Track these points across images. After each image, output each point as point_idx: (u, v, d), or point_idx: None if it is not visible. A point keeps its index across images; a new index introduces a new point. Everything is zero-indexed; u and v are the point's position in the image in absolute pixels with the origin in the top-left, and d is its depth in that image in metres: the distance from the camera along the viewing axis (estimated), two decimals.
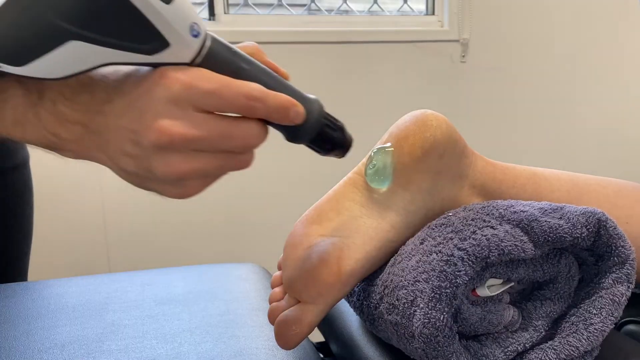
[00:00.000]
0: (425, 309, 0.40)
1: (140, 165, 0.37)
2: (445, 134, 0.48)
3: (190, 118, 0.36)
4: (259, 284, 0.75)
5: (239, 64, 0.38)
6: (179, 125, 0.35)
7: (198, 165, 0.37)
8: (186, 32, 0.35)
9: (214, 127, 0.36)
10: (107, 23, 0.33)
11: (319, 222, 0.50)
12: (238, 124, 0.37)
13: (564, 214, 0.44)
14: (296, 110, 0.38)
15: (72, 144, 0.38)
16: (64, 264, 1.58)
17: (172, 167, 0.36)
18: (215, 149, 0.37)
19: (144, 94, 0.36)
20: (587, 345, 0.43)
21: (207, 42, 0.37)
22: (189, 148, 0.36)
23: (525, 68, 2.01)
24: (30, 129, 0.38)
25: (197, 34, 0.36)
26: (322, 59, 1.77)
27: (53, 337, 0.59)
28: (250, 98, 0.36)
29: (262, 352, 0.56)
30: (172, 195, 0.39)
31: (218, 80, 0.36)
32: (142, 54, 0.35)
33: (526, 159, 1.59)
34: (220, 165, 0.38)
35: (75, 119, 0.38)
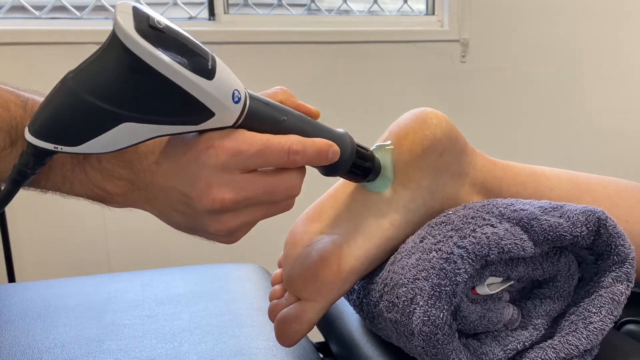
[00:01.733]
0: (425, 307, 0.40)
1: (192, 221, 0.41)
2: (446, 132, 0.48)
3: (238, 181, 0.38)
4: (259, 284, 0.75)
5: (276, 117, 0.40)
6: (229, 191, 0.38)
7: (246, 218, 0.40)
8: (229, 100, 0.37)
9: (259, 186, 0.39)
10: (156, 105, 0.35)
11: (319, 220, 0.50)
12: (280, 179, 0.40)
13: (563, 212, 0.44)
14: (333, 150, 0.41)
15: (119, 197, 0.41)
16: (64, 263, 1.58)
17: (224, 224, 0.40)
18: (260, 203, 0.40)
19: (193, 161, 0.38)
20: (586, 344, 0.43)
21: (247, 102, 0.39)
22: (239, 207, 0.39)
23: (525, 68, 2.01)
24: (78, 185, 0.41)
25: (238, 99, 0.38)
26: (322, 59, 1.77)
27: (53, 337, 0.59)
28: (291, 152, 0.39)
29: (262, 352, 0.56)
30: (222, 242, 0.43)
31: (260, 141, 0.38)
32: (189, 125, 0.37)
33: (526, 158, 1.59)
34: (265, 214, 0.41)
35: (120, 175, 0.40)
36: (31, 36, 1.49)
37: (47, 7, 1.57)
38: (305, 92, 1.81)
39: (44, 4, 1.57)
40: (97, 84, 0.34)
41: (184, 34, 0.36)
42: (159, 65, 0.33)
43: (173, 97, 0.35)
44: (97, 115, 0.35)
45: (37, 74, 1.49)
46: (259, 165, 0.39)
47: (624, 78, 2.12)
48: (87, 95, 0.34)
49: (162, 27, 0.34)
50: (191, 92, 0.35)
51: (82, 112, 0.35)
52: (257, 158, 0.38)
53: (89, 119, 0.35)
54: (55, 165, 0.40)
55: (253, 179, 0.39)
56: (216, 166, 0.38)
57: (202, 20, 1.72)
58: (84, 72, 0.35)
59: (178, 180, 0.39)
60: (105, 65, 0.34)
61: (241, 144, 0.38)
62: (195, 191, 0.38)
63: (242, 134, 0.38)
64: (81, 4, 1.61)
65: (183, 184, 0.39)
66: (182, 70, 0.34)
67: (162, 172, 0.40)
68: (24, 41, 1.48)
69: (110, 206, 0.43)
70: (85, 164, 0.40)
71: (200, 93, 0.35)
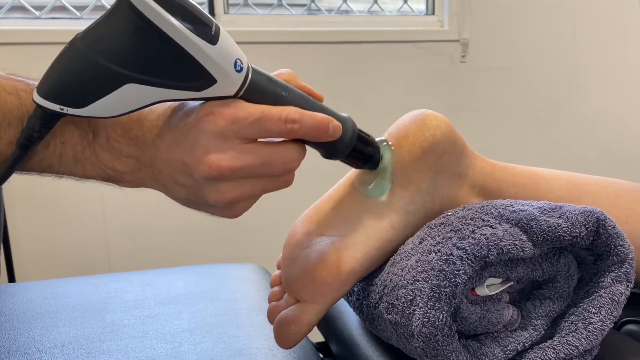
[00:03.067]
0: (425, 308, 0.40)
1: (192, 193, 0.41)
2: (445, 134, 0.48)
3: (236, 149, 0.39)
4: (259, 284, 0.75)
5: (277, 92, 0.41)
6: (227, 158, 0.39)
7: (245, 190, 0.40)
8: (231, 68, 0.38)
9: (257, 156, 0.39)
10: (159, 66, 0.36)
11: (318, 221, 0.50)
12: (278, 150, 0.40)
13: (562, 213, 0.44)
14: (333, 125, 0.41)
15: (128, 176, 0.42)
16: (64, 263, 1.58)
17: (222, 194, 0.40)
18: (259, 175, 0.40)
19: (192, 129, 0.39)
20: (586, 344, 0.43)
21: (249, 74, 0.39)
22: (237, 176, 0.40)
23: (525, 68, 2.01)
24: (90, 166, 0.42)
25: (240, 68, 0.38)
26: (322, 59, 1.77)
27: (53, 337, 0.59)
28: (288, 121, 0.40)
29: (262, 352, 0.56)
30: (224, 216, 0.43)
31: (258, 109, 0.39)
32: (191, 91, 0.38)
33: (526, 159, 1.60)
34: (264, 187, 0.41)
35: (128, 153, 0.41)
36: (31, 36, 1.49)
37: (47, 7, 1.57)
38: None
39: (44, 4, 1.57)
40: (103, 44, 0.35)
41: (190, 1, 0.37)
42: (165, 26, 0.34)
43: (177, 59, 0.36)
44: (102, 75, 0.36)
45: (37, 74, 1.49)
46: (256, 135, 0.40)
47: (624, 78, 2.12)
48: (93, 55, 0.35)
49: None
50: (194, 55, 0.36)
51: (88, 72, 0.36)
52: (255, 126, 0.39)
53: (94, 79, 0.36)
54: (66, 148, 0.41)
55: (251, 149, 0.39)
56: (214, 132, 0.38)
57: None
58: (91, 33, 0.36)
59: (178, 150, 0.40)
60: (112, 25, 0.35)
61: (240, 111, 0.39)
62: (194, 158, 0.39)
63: (242, 104, 0.39)
64: (81, 4, 1.61)
65: (183, 153, 0.40)
66: (187, 32, 0.35)
67: (165, 145, 0.41)
68: (24, 41, 1.48)
69: (122, 186, 0.44)
70: (95, 145, 0.41)
71: (203, 57, 0.36)
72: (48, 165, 0.41)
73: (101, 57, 0.35)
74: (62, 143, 0.41)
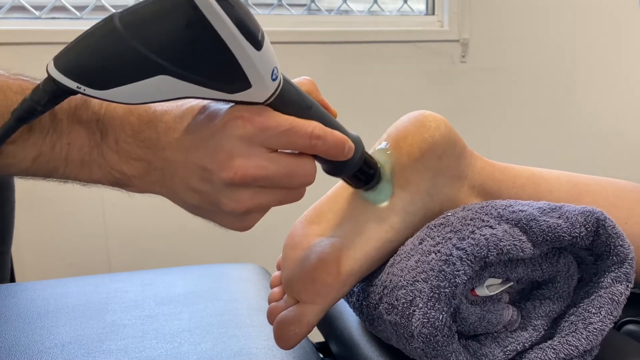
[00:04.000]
0: (425, 309, 0.40)
1: (207, 200, 0.40)
2: (444, 135, 0.48)
3: (261, 157, 0.38)
4: (259, 284, 0.75)
5: (303, 105, 0.41)
6: (252, 166, 0.38)
7: (262, 200, 0.40)
8: (268, 75, 0.37)
9: (281, 167, 0.39)
10: (201, 63, 0.35)
11: (318, 222, 0.50)
12: (301, 163, 0.40)
13: (562, 213, 0.44)
14: (349, 146, 0.42)
15: (136, 180, 0.41)
16: (64, 264, 1.58)
17: (240, 202, 0.39)
18: (278, 185, 0.40)
19: (217, 132, 0.38)
20: (586, 344, 0.43)
21: (281, 83, 0.39)
22: (257, 185, 0.39)
23: (525, 68, 2.01)
24: (97, 169, 0.40)
25: (275, 77, 0.38)
26: (321, 59, 1.77)
27: (53, 337, 0.59)
28: (313, 137, 0.39)
29: (262, 352, 0.56)
30: (234, 227, 0.42)
31: (287, 121, 0.39)
32: (224, 92, 0.37)
33: (526, 159, 1.60)
34: (280, 199, 0.41)
35: (138, 156, 0.40)
36: (31, 36, 1.49)
37: (47, 7, 1.57)
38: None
39: (44, 4, 1.57)
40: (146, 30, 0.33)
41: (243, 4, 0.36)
42: (219, 25, 0.33)
43: (221, 59, 0.35)
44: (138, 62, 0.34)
45: (37, 74, 1.49)
46: (282, 146, 0.39)
47: (624, 78, 2.12)
48: (132, 38, 0.33)
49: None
50: (238, 59, 0.35)
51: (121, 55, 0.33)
52: (283, 137, 0.39)
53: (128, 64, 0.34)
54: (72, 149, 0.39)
55: (275, 158, 0.39)
56: (241, 137, 0.38)
57: None
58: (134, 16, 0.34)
59: (198, 154, 0.39)
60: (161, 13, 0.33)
61: (270, 120, 0.38)
62: (216, 162, 0.38)
63: (271, 112, 0.39)
64: (81, 4, 1.61)
65: (203, 157, 0.38)
66: (238, 34, 0.34)
67: (182, 148, 0.39)
68: (24, 41, 1.48)
69: (129, 191, 0.43)
70: (103, 146, 0.40)
71: (247, 61, 0.35)
72: (53, 168, 0.40)
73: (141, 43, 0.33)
74: (68, 144, 0.39)
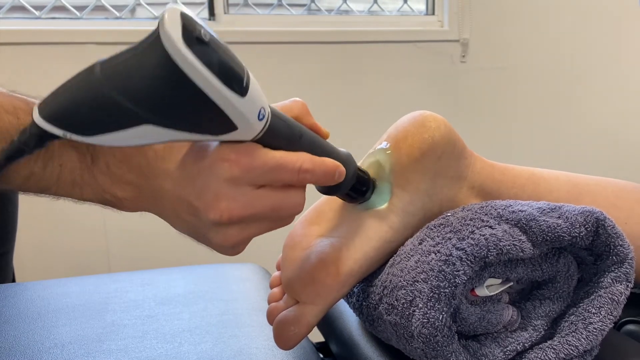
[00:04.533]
0: (424, 309, 0.40)
1: (194, 231, 0.41)
2: (444, 135, 0.48)
3: (248, 196, 0.38)
4: (259, 284, 0.75)
5: (292, 136, 0.40)
6: (238, 206, 0.38)
7: (250, 232, 0.40)
8: (254, 117, 0.37)
9: (268, 202, 0.39)
10: (184, 114, 0.34)
11: (317, 223, 0.50)
12: (288, 196, 0.40)
13: (562, 213, 0.44)
14: (340, 172, 0.42)
15: (127, 202, 0.41)
16: (64, 264, 1.58)
17: (228, 238, 0.40)
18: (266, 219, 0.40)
19: (204, 171, 0.38)
20: (586, 344, 0.43)
21: (269, 120, 0.38)
22: (244, 222, 0.39)
23: (526, 68, 2.01)
24: (88, 190, 0.41)
25: (262, 117, 0.37)
26: (322, 59, 1.77)
27: (53, 337, 0.59)
28: (301, 171, 0.39)
29: (262, 352, 0.56)
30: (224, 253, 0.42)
31: (274, 159, 0.39)
32: (210, 135, 0.37)
33: (526, 159, 1.60)
34: (268, 228, 0.42)
35: (129, 180, 0.40)
36: (31, 36, 1.50)
37: (47, 7, 1.57)
38: (305, 92, 1.81)
39: (44, 4, 1.57)
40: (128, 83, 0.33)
41: (226, 47, 0.35)
42: (198, 79, 0.33)
43: (203, 108, 0.34)
44: (120, 113, 0.34)
45: (37, 74, 1.50)
46: (269, 182, 0.39)
47: (624, 78, 2.12)
48: (114, 92, 0.33)
49: (208, 40, 0.33)
50: (222, 107, 0.35)
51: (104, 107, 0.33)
52: (269, 175, 0.39)
53: (110, 115, 0.34)
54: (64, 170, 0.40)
55: (262, 195, 0.39)
56: (227, 179, 0.38)
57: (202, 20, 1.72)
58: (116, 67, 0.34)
59: (186, 190, 0.39)
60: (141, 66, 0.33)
61: (256, 160, 0.38)
62: (203, 202, 0.38)
63: (258, 151, 0.38)
64: (81, 4, 1.61)
65: (191, 194, 0.39)
66: (219, 85, 0.34)
67: (171, 180, 0.40)
68: (24, 41, 1.48)
69: (122, 210, 0.43)
70: (94, 169, 0.40)
71: (231, 109, 0.35)
72: (45, 187, 0.40)
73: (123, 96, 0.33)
74: (59, 165, 0.40)
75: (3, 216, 0.92)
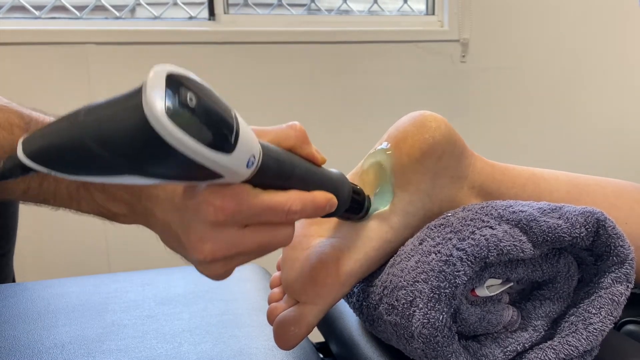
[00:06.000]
0: (425, 310, 0.40)
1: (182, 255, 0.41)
2: (445, 135, 0.48)
3: (233, 236, 0.38)
4: (258, 284, 0.75)
5: (283, 174, 0.39)
6: (222, 248, 0.38)
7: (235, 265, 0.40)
8: (243, 167, 0.35)
9: (254, 241, 0.39)
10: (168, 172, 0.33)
11: (318, 223, 0.50)
12: (274, 234, 0.40)
13: (562, 213, 0.44)
14: (331, 204, 0.41)
15: (121, 217, 0.42)
16: (64, 264, 1.58)
17: (212, 272, 0.40)
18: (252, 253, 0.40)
19: (191, 211, 0.38)
20: (586, 345, 0.43)
21: (259, 162, 0.36)
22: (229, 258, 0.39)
23: (526, 68, 2.01)
24: (84, 203, 0.42)
25: (252, 164, 0.35)
26: (322, 59, 1.77)
27: (53, 337, 0.59)
28: (290, 213, 0.39)
29: (262, 352, 0.56)
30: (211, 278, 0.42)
31: (262, 203, 0.38)
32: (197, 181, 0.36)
33: (526, 159, 1.60)
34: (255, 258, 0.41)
35: (122, 198, 0.41)
36: (31, 36, 1.50)
37: (47, 7, 1.57)
38: (304, 92, 1.81)
39: (43, 4, 1.57)
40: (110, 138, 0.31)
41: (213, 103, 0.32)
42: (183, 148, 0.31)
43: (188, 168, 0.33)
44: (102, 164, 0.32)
45: (37, 74, 1.50)
46: (255, 223, 0.39)
47: (624, 78, 2.12)
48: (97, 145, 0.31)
49: (194, 105, 0.31)
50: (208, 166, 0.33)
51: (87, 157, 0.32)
52: (256, 218, 0.38)
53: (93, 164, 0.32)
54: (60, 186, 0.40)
55: (248, 235, 0.38)
56: (212, 223, 0.37)
57: (202, 20, 1.73)
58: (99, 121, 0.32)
59: (173, 220, 0.39)
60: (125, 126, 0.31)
61: (243, 205, 0.37)
62: (188, 241, 0.38)
63: (246, 194, 0.37)
64: (81, 4, 1.61)
65: (178, 227, 0.39)
66: (205, 151, 0.32)
67: (160, 206, 0.40)
68: (24, 41, 1.48)
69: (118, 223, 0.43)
70: (90, 185, 0.41)
71: (217, 167, 0.33)
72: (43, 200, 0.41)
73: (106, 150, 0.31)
74: (55, 181, 0.40)
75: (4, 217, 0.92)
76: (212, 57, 1.65)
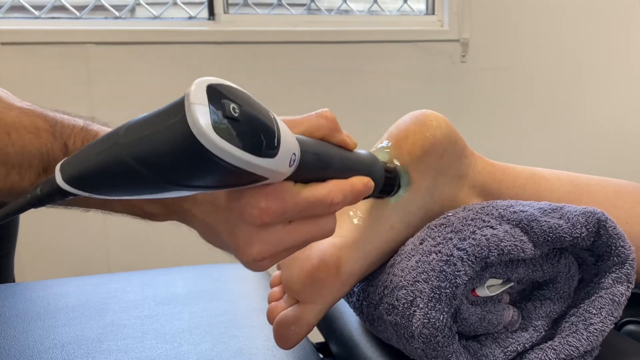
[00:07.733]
0: (425, 309, 0.40)
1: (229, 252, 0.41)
2: (445, 134, 0.48)
3: (279, 233, 0.38)
4: (258, 284, 0.75)
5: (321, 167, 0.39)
6: (270, 247, 0.38)
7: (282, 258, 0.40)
8: (286, 167, 0.35)
9: (300, 236, 0.39)
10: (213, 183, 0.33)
11: None
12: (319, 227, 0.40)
13: (563, 213, 0.44)
14: (368, 187, 0.41)
15: (157, 217, 0.42)
16: (64, 264, 1.58)
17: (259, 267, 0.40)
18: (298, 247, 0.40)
19: (235, 215, 0.37)
20: (586, 345, 0.43)
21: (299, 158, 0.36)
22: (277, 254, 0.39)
23: (526, 68, 2.01)
24: (118, 205, 0.42)
25: (293, 162, 0.35)
26: (321, 59, 1.77)
27: (53, 337, 0.59)
28: (332, 205, 0.39)
29: (262, 352, 0.56)
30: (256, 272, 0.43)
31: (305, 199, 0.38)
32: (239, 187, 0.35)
33: (526, 159, 1.60)
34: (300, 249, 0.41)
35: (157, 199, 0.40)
36: (31, 36, 1.50)
37: (47, 7, 1.57)
38: (305, 92, 1.81)
39: (43, 4, 1.57)
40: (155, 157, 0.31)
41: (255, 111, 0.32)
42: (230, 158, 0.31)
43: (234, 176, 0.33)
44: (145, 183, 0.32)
45: (37, 73, 1.50)
46: (301, 218, 0.39)
47: (625, 78, 2.13)
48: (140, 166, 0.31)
49: (238, 116, 0.31)
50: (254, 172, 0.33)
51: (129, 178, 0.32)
52: (301, 213, 0.38)
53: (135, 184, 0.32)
54: None
55: (294, 230, 0.38)
56: (259, 225, 0.37)
57: (201, 20, 1.73)
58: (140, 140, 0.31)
59: (217, 221, 0.39)
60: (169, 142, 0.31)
61: (287, 204, 0.37)
62: (235, 243, 0.38)
63: (288, 192, 0.37)
64: (81, 3, 1.61)
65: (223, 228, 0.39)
66: (252, 159, 0.32)
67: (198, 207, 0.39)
68: (23, 41, 1.48)
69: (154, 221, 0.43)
70: None
71: (263, 170, 0.33)
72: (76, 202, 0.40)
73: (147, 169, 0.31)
74: None
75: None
76: (211, 57, 1.65)
